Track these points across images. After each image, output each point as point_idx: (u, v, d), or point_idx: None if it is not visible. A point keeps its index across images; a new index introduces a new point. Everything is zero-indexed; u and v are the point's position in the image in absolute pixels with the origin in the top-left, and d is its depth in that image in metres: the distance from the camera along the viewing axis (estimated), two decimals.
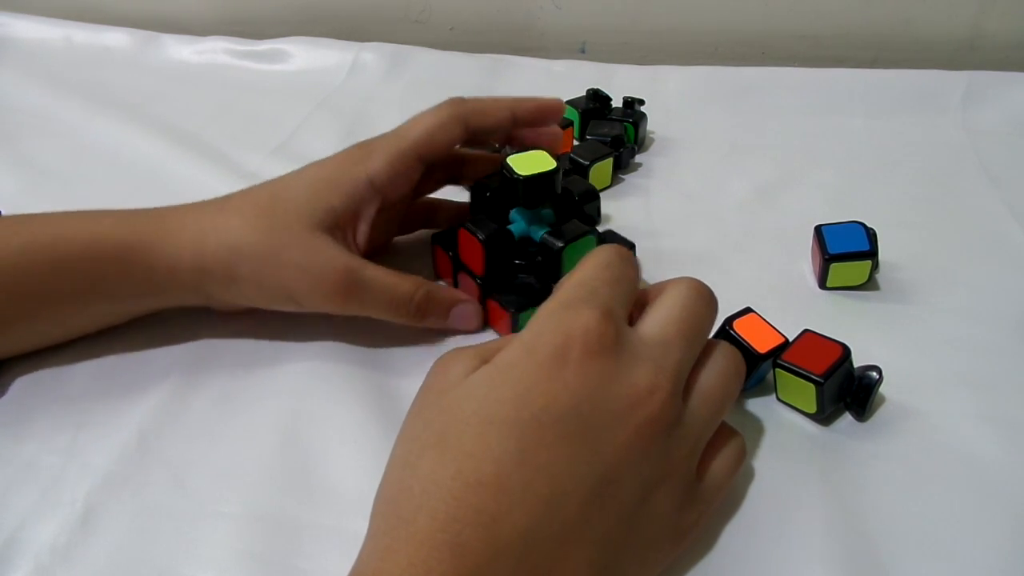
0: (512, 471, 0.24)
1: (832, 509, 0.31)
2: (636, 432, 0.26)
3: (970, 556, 0.30)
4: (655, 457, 0.26)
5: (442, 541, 0.23)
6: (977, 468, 0.33)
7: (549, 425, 0.25)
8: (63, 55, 0.69)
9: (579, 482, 0.24)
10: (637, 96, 0.56)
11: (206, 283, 0.36)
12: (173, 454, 0.34)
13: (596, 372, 0.26)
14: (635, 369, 0.26)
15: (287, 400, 0.37)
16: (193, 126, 0.59)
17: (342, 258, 0.36)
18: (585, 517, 0.24)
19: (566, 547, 0.24)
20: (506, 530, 0.23)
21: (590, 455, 0.25)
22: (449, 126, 0.38)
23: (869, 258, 0.41)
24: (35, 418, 0.36)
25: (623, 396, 0.26)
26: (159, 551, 0.30)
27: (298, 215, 0.36)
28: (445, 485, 0.24)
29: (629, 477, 0.26)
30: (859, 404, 0.35)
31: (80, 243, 0.35)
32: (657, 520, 0.27)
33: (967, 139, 0.56)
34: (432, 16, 0.73)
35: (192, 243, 0.36)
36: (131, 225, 0.36)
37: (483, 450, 0.24)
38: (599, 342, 0.26)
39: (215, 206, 0.37)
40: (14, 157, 0.56)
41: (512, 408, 0.25)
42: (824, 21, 0.68)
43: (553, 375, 0.25)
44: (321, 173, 0.38)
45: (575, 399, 0.25)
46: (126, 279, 0.36)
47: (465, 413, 0.25)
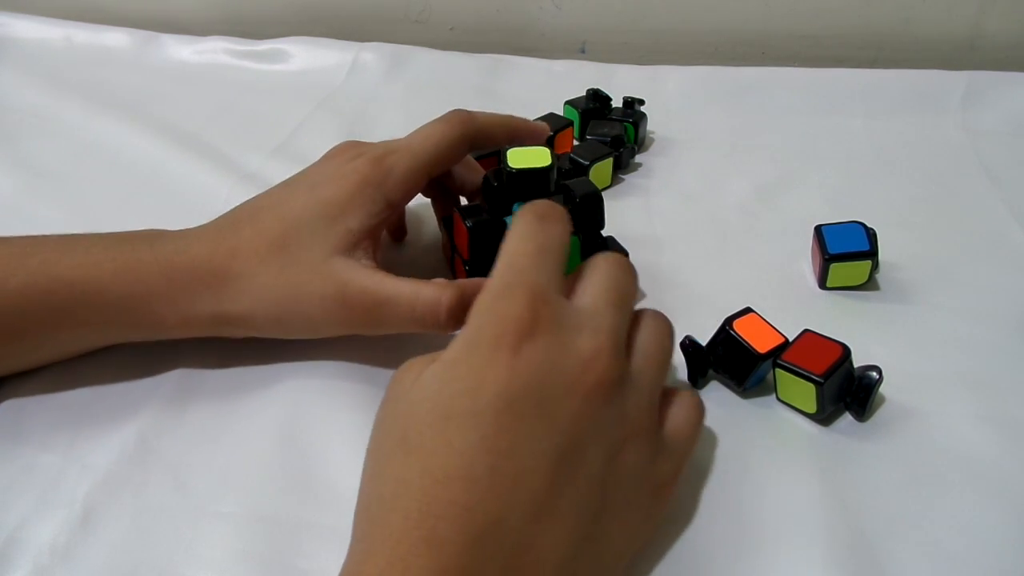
0: (477, 460, 0.24)
1: (832, 509, 0.31)
2: (588, 396, 0.26)
3: (970, 556, 0.30)
4: (612, 417, 0.27)
5: (418, 537, 0.23)
6: (977, 468, 0.33)
7: (504, 410, 0.25)
8: (63, 55, 0.69)
9: (543, 457, 0.25)
10: (637, 96, 0.56)
11: (225, 329, 0.37)
12: (173, 454, 0.34)
13: (539, 350, 0.26)
14: (575, 339, 0.27)
15: (287, 400, 0.37)
16: (193, 126, 0.59)
17: (360, 279, 0.35)
18: (555, 490, 0.25)
19: (541, 522, 0.24)
20: (479, 518, 0.23)
21: (548, 429, 0.25)
22: (458, 147, 0.39)
23: (869, 258, 0.41)
24: (35, 418, 0.36)
25: (569, 366, 0.26)
26: (159, 551, 0.30)
27: (314, 244, 0.35)
28: (414, 484, 0.24)
29: (591, 441, 0.26)
30: (859, 404, 0.35)
31: (81, 291, 0.34)
32: (630, 478, 0.27)
33: (967, 139, 0.56)
34: (432, 16, 0.73)
35: (209, 294, 0.35)
36: (135, 273, 0.35)
37: (445, 445, 0.25)
38: (533, 325, 0.27)
39: (226, 249, 0.36)
40: (14, 157, 0.55)
41: (467, 400, 0.26)
42: (824, 21, 0.68)
43: (499, 362, 0.26)
44: (336, 198, 0.36)
45: (524, 379, 0.26)
46: (132, 327, 0.36)
47: (422, 413, 0.26)
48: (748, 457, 0.34)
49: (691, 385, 0.37)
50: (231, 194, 0.50)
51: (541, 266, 0.29)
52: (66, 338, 0.37)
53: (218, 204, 0.42)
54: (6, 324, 0.34)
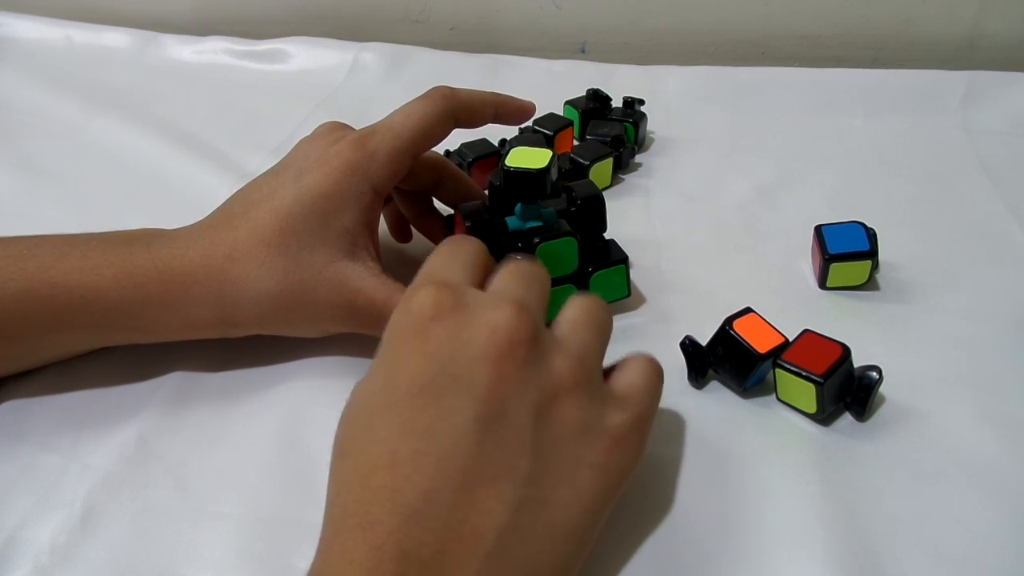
0: (399, 445, 0.25)
1: (832, 509, 0.31)
2: (499, 361, 0.26)
3: (970, 556, 0.30)
4: (534, 377, 0.27)
5: (354, 524, 0.24)
6: (977, 468, 0.33)
7: (418, 392, 0.26)
8: (63, 55, 0.69)
9: (464, 430, 0.25)
10: (637, 96, 0.56)
11: (229, 333, 0.37)
12: (173, 454, 0.34)
13: (445, 331, 0.27)
14: (481, 313, 0.27)
15: (287, 400, 0.37)
16: (193, 126, 0.59)
17: (369, 290, 0.35)
18: (483, 458, 0.25)
19: (471, 493, 0.24)
20: (409, 496, 0.24)
21: (465, 400, 0.26)
22: (441, 123, 0.38)
23: (869, 258, 0.41)
24: (35, 418, 0.36)
25: (477, 337, 0.27)
26: (159, 551, 0.30)
27: (315, 246, 0.35)
28: (347, 480, 0.26)
29: (515, 405, 0.26)
30: (859, 404, 0.35)
31: (79, 296, 0.34)
32: (571, 435, 0.27)
33: (967, 139, 0.56)
34: (432, 16, 0.73)
35: (210, 299, 0.35)
36: (133, 280, 0.35)
37: (370, 439, 0.26)
38: (437, 308, 0.27)
39: (223, 252, 0.35)
40: (14, 157, 0.56)
41: (385, 392, 0.27)
42: (824, 21, 0.68)
43: (409, 350, 0.27)
44: (324, 189, 0.36)
45: (435, 361, 0.26)
46: (134, 331, 0.36)
47: (351, 418, 0.27)
48: (748, 457, 0.34)
49: (691, 385, 0.37)
50: (231, 194, 0.50)
51: (449, 265, 0.30)
52: (67, 340, 0.37)
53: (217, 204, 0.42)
54: (5, 328, 0.34)
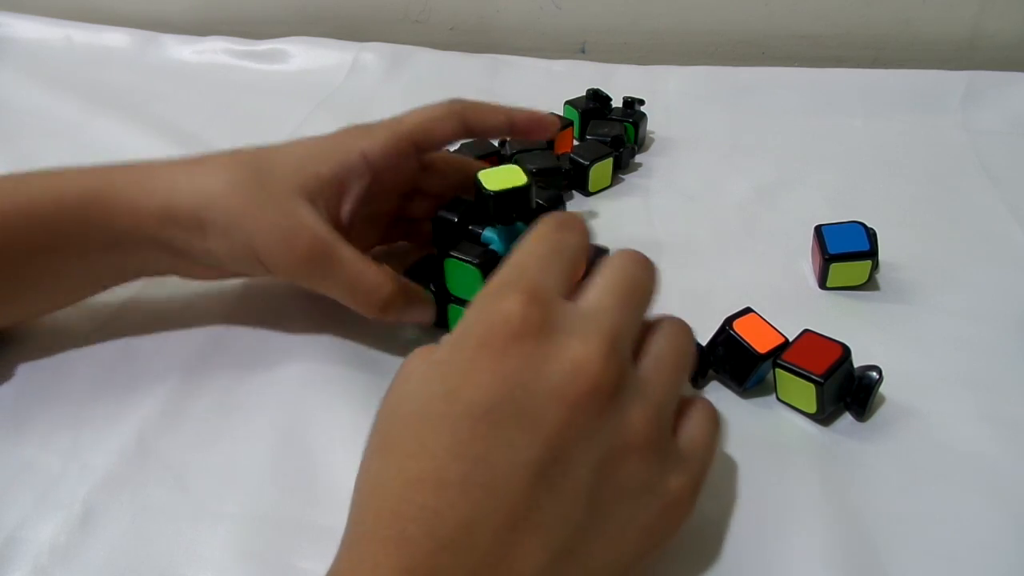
0: (449, 465, 0.24)
1: (832, 509, 0.31)
2: (575, 407, 0.25)
3: (970, 556, 0.30)
4: (606, 429, 0.25)
5: (387, 537, 0.23)
6: (977, 468, 0.33)
7: (481, 416, 0.24)
8: (63, 55, 0.69)
9: (520, 468, 0.24)
10: (637, 96, 0.56)
11: (172, 233, 0.35)
12: (173, 454, 0.34)
13: (524, 356, 0.25)
14: (567, 343, 0.25)
15: (286, 400, 0.37)
16: (193, 126, 0.59)
17: (317, 227, 0.35)
18: (532, 502, 0.24)
19: (514, 534, 0.23)
20: (449, 523, 0.23)
21: (528, 439, 0.24)
22: (447, 120, 0.39)
23: (869, 258, 0.41)
24: (35, 418, 0.36)
25: (556, 373, 0.25)
26: (159, 551, 0.30)
27: (280, 177, 0.36)
28: (388, 485, 0.24)
29: (579, 454, 0.25)
30: (859, 404, 0.35)
31: (41, 194, 0.35)
32: (630, 494, 0.26)
33: (967, 139, 0.56)
34: (432, 16, 0.73)
35: (161, 191, 0.35)
36: (96, 175, 0.36)
37: (419, 448, 0.25)
38: (523, 325, 0.25)
39: (192, 160, 0.37)
40: (14, 157, 0.55)
41: (444, 403, 0.25)
42: (824, 21, 0.68)
43: (480, 365, 0.25)
44: (315, 145, 0.38)
45: (505, 386, 0.25)
46: (89, 227, 0.35)
47: (403, 412, 0.26)
48: (748, 457, 0.34)
49: (691, 385, 0.37)
50: None
51: (547, 268, 0.28)
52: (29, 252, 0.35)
53: None
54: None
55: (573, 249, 0.29)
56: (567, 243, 0.29)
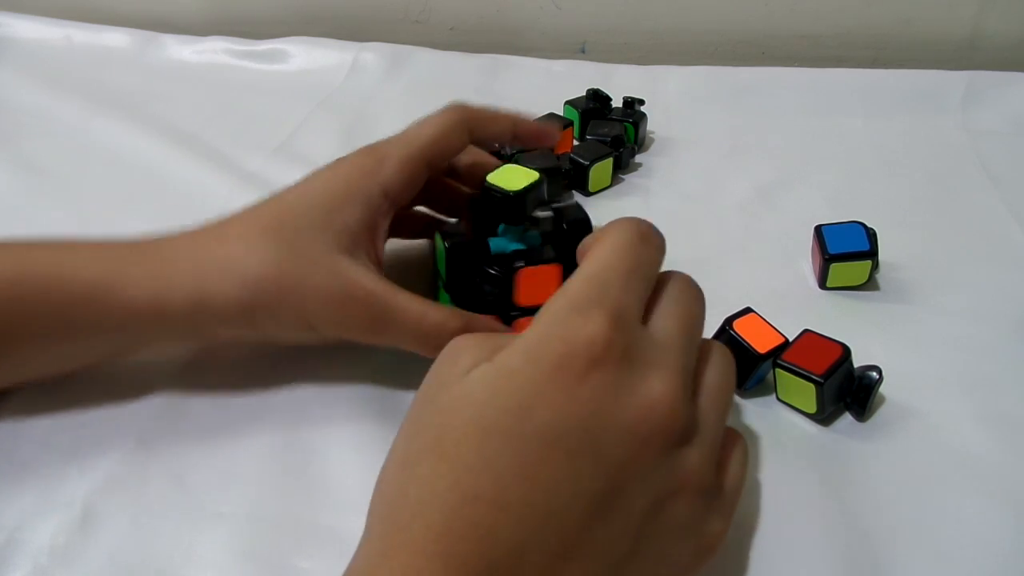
0: (510, 485, 0.23)
1: (832, 509, 0.32)
2: (643, 444, 0.24)
3: (970, 556, 0.30)
4: (666, 467, 0.25)
5: (435, 552, 0.22)
6: (977, 468, 0.33)
7: (552, 441, 0.24)
8: (63, 55, 0.69)
9: (581, 497, 0.23)
10: (637, 96, 0.56)
11: (204, 321, 0.33)
12: (173, 454, 0.34)
13: (603, 384, 0.24)
14: (644, 376, 0.25)
15: (286, 400, 0.37)
16: (193, 126, 0.59)
17: (368, 282, 0.33)
18: (586, 532, 0.23)
19: (563, 563, 0.23)
20: (502, 545, 0.22)
21: (594, 469, 0.24)
22: (456, 133, 0.37)
23: (869, 258, 0.41)
24: (35, 418, 0.36)
25: (631, 407, 0.24)
26: (159, 551, 0.30)
27: (314, 236, 0.33)
28: (442, 496, 0.23)
29: (637, 489, 0.24)
30: (859, 404, 0.35)
31: (49, 278, 0.32)
32: (673, 532, 0.25)
33: (967, 139, 0.56)
34: (432, 16, 0.73)
35: (188, 278, 0.33)
36: (108, 258, 0.33)
37: (481, 463, 0.23)
38: (606, 352, 0.24)
39: (211, 235, 0.34)
40: (14, 157, 0.55)
41: (514, 420, 0.24)
42: (824, 21, 0.68)
43: (557, 386, 0.24)
44: (331, 187, 0.35)
45: (581, 413, 0.24)
46: (102, 318, 0.33)
47: (463, 418, 0.24)
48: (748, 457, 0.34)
49: None
50: (231, 194, 0.50)
51: (629, 288, 0.26)
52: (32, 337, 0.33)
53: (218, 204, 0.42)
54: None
55: (651, 266, 0.28)
56: (647, 260, 0.28)
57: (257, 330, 0.34)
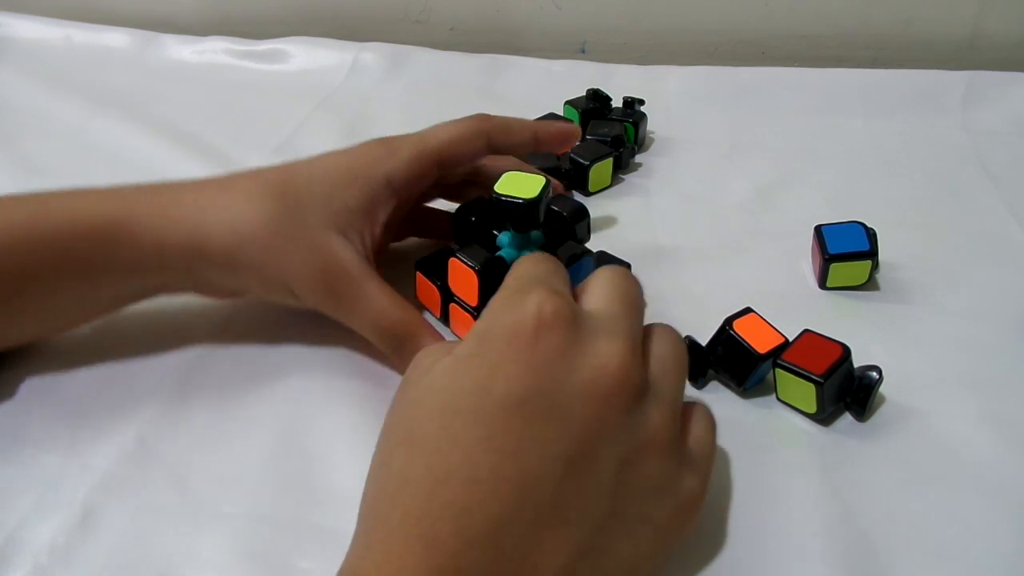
0: (480, 460, 0.24)
1: (832, 509, 0.31)
2: (604, 403, 0.25)
3: (970, 556, 0.30)
4: (630, 426, 0.26)
5: (415, 535, 0.23)
6: (977, 468, 0.33)
7: (513, 409, 0.24)
8: (63, 55, 0.69)
9: (551, 463, 0.24)
10: (637, 96, 0.56)
11: (200, 266, 0.35)
12: (173, 454, 0.34)
13: (555, 347, 0.25)
14: (593, 341, 0.26)
15: (286, 400, 0.37)
16: (193, 126, 0.59)
17: (348, 261, 0.35)
18: (561, 498, 0.24)
19: (542, 530, 0.23)
20: (478, 520, 0.23)
21: (559, 433, 0.24)
22: (473, 138, 0.38)
23: (869, 258, 0.41)
24: (35, 418, 0.36)
25: (585, 368, 0.25)
26: (159, 551, 0.30)
27: (311, 208, 0.35)
28: (416, 481, 0.24)
29: (604, 450, 0.25)
30: (859, 404, 0.35)
31: (61, 219, 0.34)
32: (647, 491, 0.26)
33: (967, 139, 0.56)
34: (432, 16, 0.73)
35: (188, 221, 0.34)
36: (119, 199, 0.35)
37: (450, 443, 0.24)
38: (554, 317, 0.26)
39: (218, 184, 0.36)
40: (14, 157, 0.55)
41: (474, 397, 0.25)
42: (824, 21, 0.68)
43: (512, 357, 0.25)
44: (340, 166, 0.37)
45: (537, 378, 0.25)
46: (111, 255, 0.34)
47: (429, 407, 0.26)
48: (748, 457, 0.34)
49: (691, 385, 0.37)
50: None
51: (555, 276, 0.29)
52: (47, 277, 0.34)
53: None
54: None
55: (565, 277, 0.30)
56: (558, 267, 0.30)
57: (243, 282, 0.36)
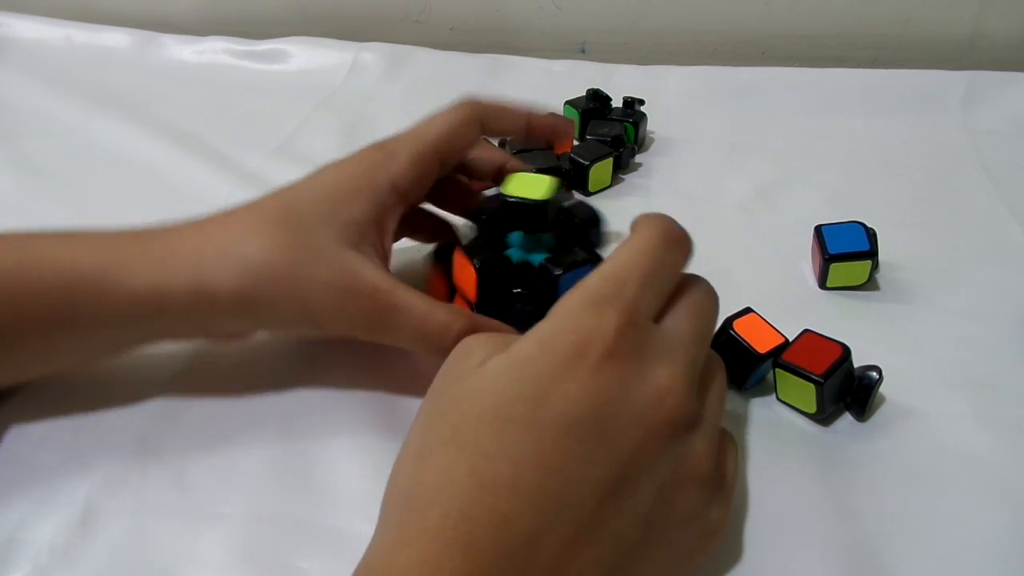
0: (526, 472, 0.24)
1: (832, 509, 0.32)
2: (652, 432, 0.25)
3: (970, 556, 0.30)
4: (672, 457, 0.26)
5: (453, 539, 0.23)
6: (977, 468, 0.33)
7: (566, 428, 0.24)
8: (63, 55, 0.69)
9: (593, 485, 0.24)
10: (637, 96, 0.56)
11: (205, 312, 0.32)
12: (173, 454, 0.34)
13: (615, 375, 0.25)
14: (654, 368, 0.26)
15: (287, 400, 0.37)
16: (193, 126, 0.59)
17: (374, 278, 0.32)
18: (598, 518, 0.24)
19: (577, 547, 0.24)
20: (518, 531, 0.23)
21: (606, 457, 0.24)
22: (468, 127, 0.37)
23: (869, 258, 0.41)
24: (35, 418, 0.36)
25: (641, 396, 0.25)
26: (159, 551, 0.30)
27: (319, 228, 0.33)
28: (459, 483, 0.24)
29: (645, 478, 0.25)
30: (859, 404, 0.35)
31: (50, 267, 0.32)
32: (679, 520, 0.26)
33: (967, 139, 0.56)
34: (432, 16, 0.73)
35: (187, 268, 0.32)
36: (108, 248, 0.32)
37: (499, 450, 0.24)
38: (618, 346, 0.25)
39: (215, 223, 0.34)
40: (14, 157, 0.55)
41: (529, 408, 0.24)
42: (824, 21, 0.68)
43: (571, 376, 0.25)
44: (340, 179, 0.35)
45: (593, 402, 0.25)
46: (102, 307, 0.32)
47: (480, 408, 0.25)
48: (748, 457, 0.34)
49: None
50: (231, 194, 0.50)
51: (647, 288, 0.28)
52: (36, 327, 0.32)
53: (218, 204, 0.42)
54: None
55: (673, 270, 0.29)
56: (669, 264, 0.29)
57: (257, 322, 0.34)
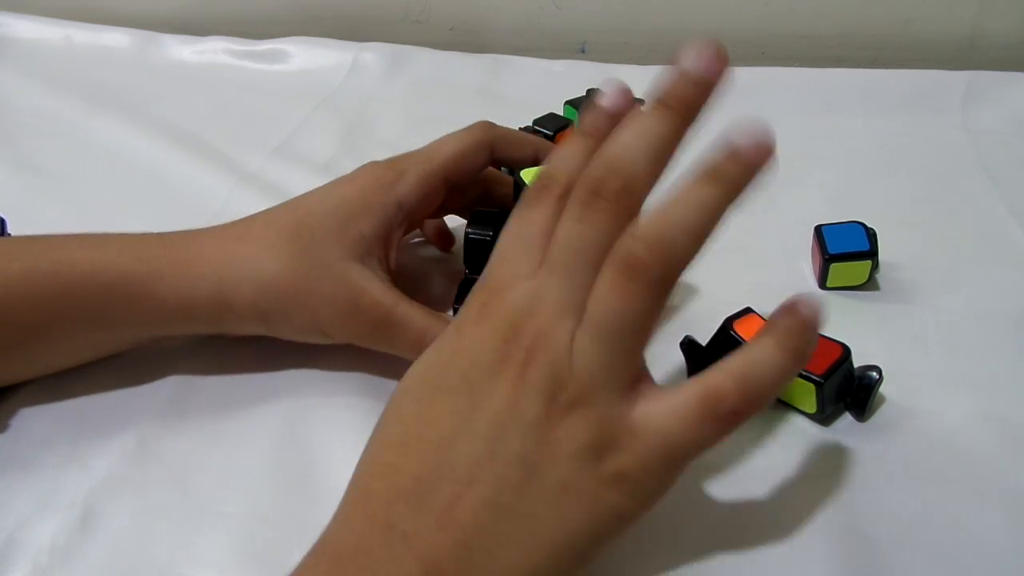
0: (410, 427, 0.27)
1: (832, 509, 0.32)
2: (514, 375, 0.26)
3: (970, 556, 0.30)
4: (540, 393, 0.26)
5: (356, 496, 0.26)
6: (977, 468, 0.33)
7: (436, 384, 0.27)
8: (63, 55, 0.69)
9: (463, 429, 0.26)
10: (637, 96, 0.56)
11: (226, 317, 0.35)
12: (173, 454, 0.34)
13: (479, 333, 0.27)
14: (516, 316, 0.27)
15: (287, 400, 0.37)
16: (193, 126, 0.59)
17: (377, 292, 0.35)
18: (475, 461, 0.25)
19: (459, 487, 0.25)
20: (404, 476, 0.26)
21: (470, 403, 0.26)
22: (478, 151, 0.39)
23: (869, 258, 0.41)
24: (35, 418, 0.36)
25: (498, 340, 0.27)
26: (159, 551, 0.30)
27: (329, 243, 0.35)
28: (369, 450, 0.28)
29: (513, 420, 0.26)
30: (859, 404, 0.35)
31: (83, 271, 0.34)
32: (565, 461, 0.25)
33: (967, 139, 0.56)
34: (432, 16, 0.73)
35: (210, 276, 0.34)
36: (139, 252, 0.35)
37: (396, 417, 0.28)
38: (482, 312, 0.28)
39: (233, 234, 0.36)
40: (14, 157, 0.55)
41: (419, 378, 0.28)
42: (824, 21, 0.68)
43: (446, 346, 0.28)
44: (349, 196, 0.36)
45: (458, 358, 0.27)
46: (132, 310, 0.35)
47: (396, 392, 0.29)
48: (748, 457, 0.34)
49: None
50: (231, 194, 0.50)
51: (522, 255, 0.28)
52: (67, 326, 0.35)
53: (218, 204, 0.42)
54: (12, 311, 0.33)
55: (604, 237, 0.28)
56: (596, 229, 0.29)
57: (272, 329, 0.36)
